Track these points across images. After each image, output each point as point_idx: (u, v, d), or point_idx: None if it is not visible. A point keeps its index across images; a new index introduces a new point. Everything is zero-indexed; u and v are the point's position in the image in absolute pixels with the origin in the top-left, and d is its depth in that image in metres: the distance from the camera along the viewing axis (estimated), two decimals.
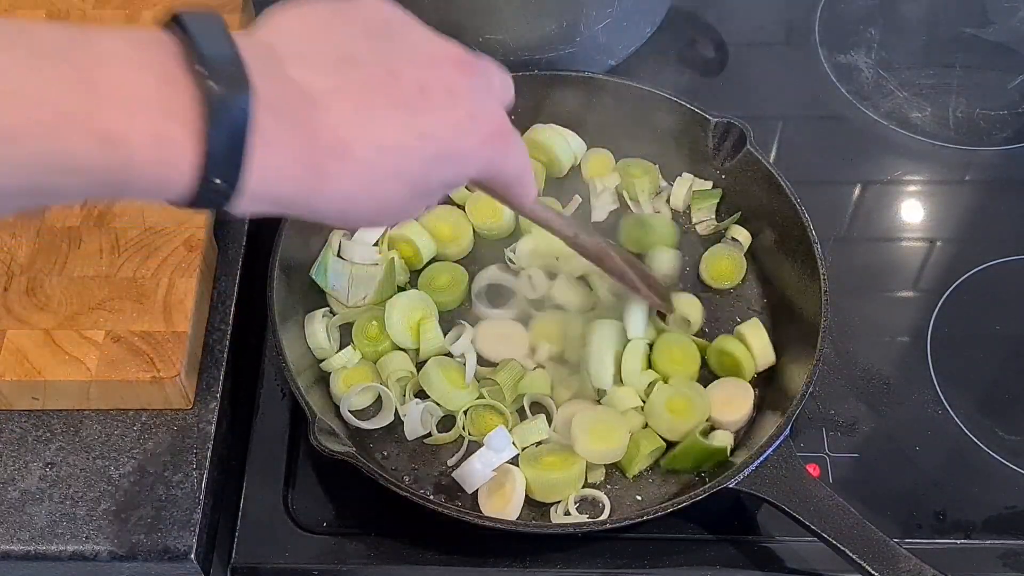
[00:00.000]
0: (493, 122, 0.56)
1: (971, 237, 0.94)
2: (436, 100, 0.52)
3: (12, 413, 0.77)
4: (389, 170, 0.51)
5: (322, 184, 0.49)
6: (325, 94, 0.48)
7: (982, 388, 0.85)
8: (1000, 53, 1.07)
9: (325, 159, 0.48)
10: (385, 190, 0.52)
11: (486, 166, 0.57)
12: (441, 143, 0.52)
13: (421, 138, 0.51)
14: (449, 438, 0.80)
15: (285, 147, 0.47)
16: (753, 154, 0.87)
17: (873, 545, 0.70)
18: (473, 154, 0.55)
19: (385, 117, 0.50)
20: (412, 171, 0.52)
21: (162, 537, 0.72)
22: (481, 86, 0.56)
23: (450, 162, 0.53)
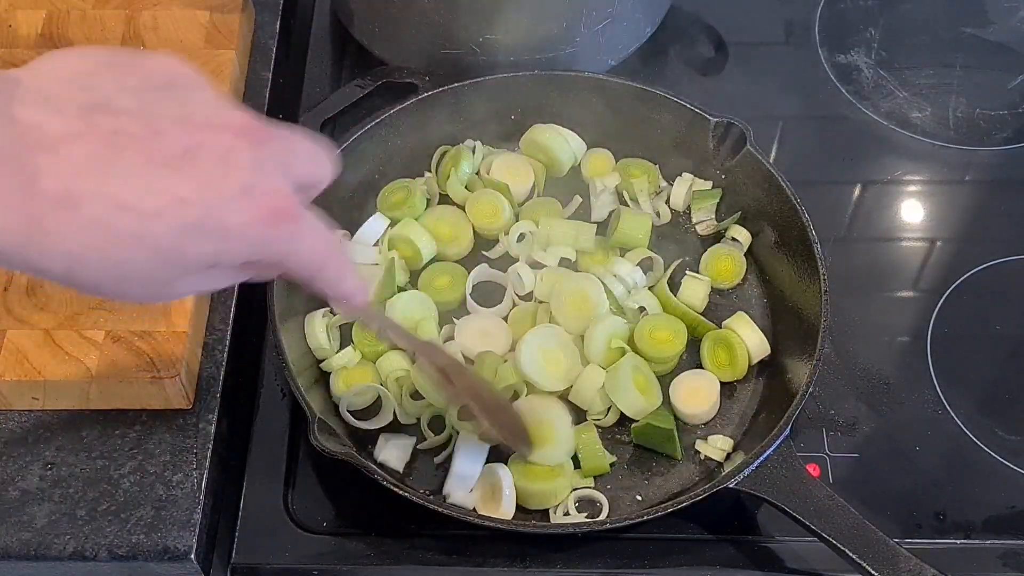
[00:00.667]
0: (273, 200, 0.49)
1: (971, 237, 0.94)
2: (202, 166, 0.46)
3: (12, 413, 0.77)
4: (128, 232, 0.45)
5: (40, 239, 0.44)
6: (60, 140, 0.44)
7: (982, 388, 0.85)
8: (1000, 53, 1.07)
9: (45, 211, 0.43)
10: (124, 256, 0.46)
11: (262, 249, 0.49)
12: (199, 212, 0.46)
13: (173, 204, 0.45)
14: (441, 439, 0.80)
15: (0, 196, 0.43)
16: (753, 154, 0.87)
17: (873, 545, 0.70)
18: (241, 232, 0.48)
19: (131, 174, 0.45)
20: (157, 240, 0.46)
21: (162, 537, 0.72)
22: (268, 159, 0.49)
23: (210, 236, 0.47)
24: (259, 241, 0.49)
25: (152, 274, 0.47)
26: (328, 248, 0.54)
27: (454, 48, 0.94)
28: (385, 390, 0.81)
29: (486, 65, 0.93)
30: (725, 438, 0.80)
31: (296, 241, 0.51)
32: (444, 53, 0.95)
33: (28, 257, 0.45)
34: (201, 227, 0.46)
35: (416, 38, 0.96)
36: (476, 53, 0.94)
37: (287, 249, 0.51)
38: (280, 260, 0.51)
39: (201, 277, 0.50)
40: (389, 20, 0.97)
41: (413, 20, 0.95)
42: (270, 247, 0.50)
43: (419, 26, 0.95)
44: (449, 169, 0.91)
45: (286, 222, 0.49)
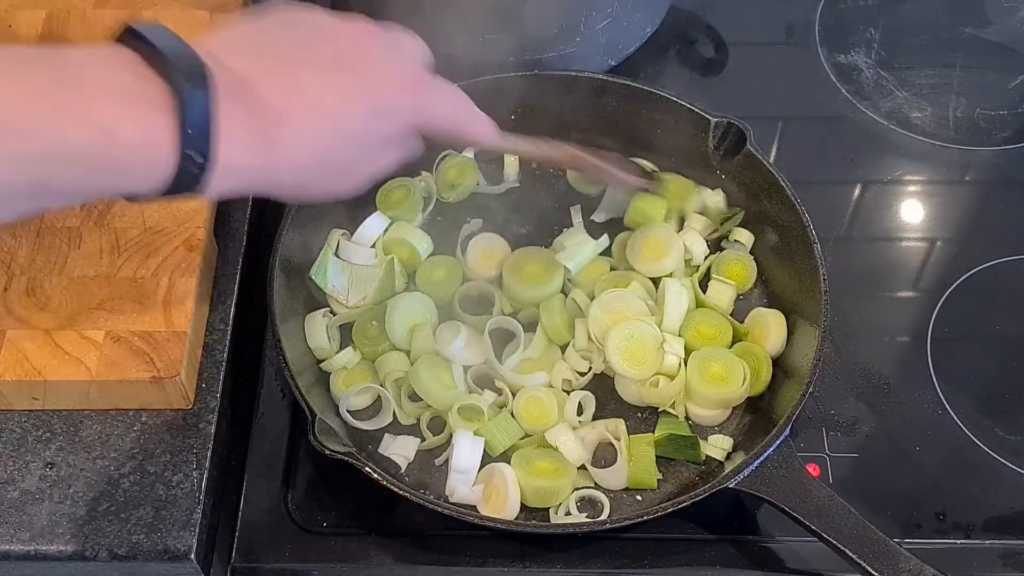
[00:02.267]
0: (408, 74, 0.63)
1: (971, 237, 0.94)
2: (350, 64, 0.59)
3: (12, 413, 0.77)
4: (326, 129, 0.57)
5: (274, 150, 0.55)
6: (257, 77, 0.55)
7: (982, 388, 0.85)
8: (1000, 53, 1.07)
9: (270, 128, 0.55)
10: (329, 148, 0.58)
11: (416, 113, 0.63)
12: (364, 98, 0.59)
13: (347, 98, 0.58)
14: (440, 440, 0.80)
15: (240, 123, 0.53)
16: (753, 154, 0.87)
17: (873, 545, 0.70)
18: (397, 103, 0.61)
19: (309, 85, 0.57)
20: (348, 127, 0.58)
21: (162, 537, 0.72)
22: (391, 48, 0.62)
23: (380, 114, 0.60)
24: (413, 106, 0.62)
25: (351, 158, 0.61)
26: (460, 102, 0.68)
27: (454, 48, 0.94)
28: (384, 391, 0.81)
29: (486, 65, 0.93)
30: (725, 438, 0.80)
31: (437, 100, 0.65)
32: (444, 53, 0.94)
33: (270, 169, 0.56)
34: (371, 109, 0.59)
35: None
36: (476, 53, 0.94)
37: (433, 108, 0.64)
38: (429, 119, 0.64)
39: (381, 155, 0.63)
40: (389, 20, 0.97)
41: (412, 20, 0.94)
42: (422, 109, 0.63)
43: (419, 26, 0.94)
44: (452, 178, 0.92)
45: (426, 87, 0.64)
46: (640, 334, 0.81)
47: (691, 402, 0.82)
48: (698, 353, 0.82)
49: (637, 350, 0.80)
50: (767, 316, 0.84)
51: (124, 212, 0.81)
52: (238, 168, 0.54)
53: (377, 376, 0.82)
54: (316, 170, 0.59)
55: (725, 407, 0.81)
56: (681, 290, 0.84)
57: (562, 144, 0.81)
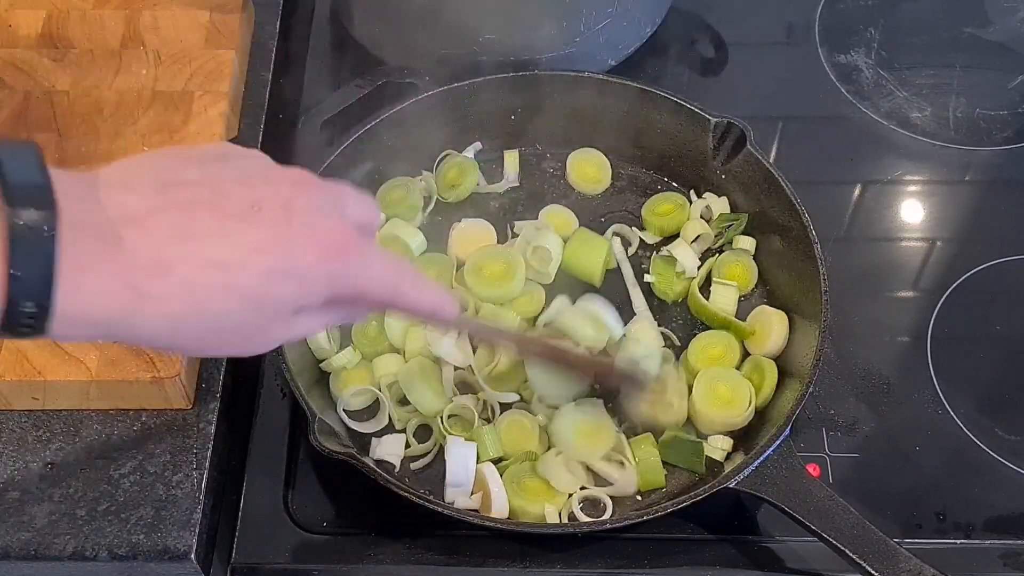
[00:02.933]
0: (336, 238, 0.53)
1: (971, 237, 0.94)
2: (269, 216, 0.51)
3: (12, 413, 0.77)
4: (216, 286, 0.50)
5: (143, 305, 0.48)
6: (145, 215, 0.48)
7: (982, 388, 0.85)
8: (1000, 53, 1.07)
9: (144, 279, 0.48)
10: (217, 309, 0.50)
11: (335, 283, 0.54)
12: (273, 257, 0.51)
13: (248, 251, 0.50)
14: (424, 449, 0.80)
15: (100, 269, 0.46)
16: (753, 154, 0.87)
17: (873, 545, 0.70)
18: (313, 270, 0.52)
19: (209, 233, 0.49)
20: (243, 288, 0.50)
21: (162, 537, 0.72)
22: (325, 205, 0.54)
23: (289, 278, 0.52)
24: (332, 275, 0.53)
25: (246, 323, 0.52)
26: (398, 270, 0.59)
27: (454, 48, 0.94)
28: (381, 393, 0.81)
29: (486, 65, 0.93)
30: (725, 438, 0.80)
31: (365, 269, 0.55)
32: (444, 53, 0.95)
33: (134, 323, 0.48)
34: (279, 271, 0.51)
35: (416, 38, 0.96)
36: (476, 53, 0.94)
37: (359, 277, 0.55)
38: (357, 291, 0.55)
39: (292, 322, 0.54)
40: (389, 20, 0.98)
41: (413, 20, 0.95)
42: (343, 279, 0.54)
43: (419, 26, 0.95)
44: (452, 178, 0.92)
45: (351, 253, 0.54)
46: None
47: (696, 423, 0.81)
48: (705, 374, 0.81)
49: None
50: (770, 315, 0.84)
51: None
52: (91, 318, 0.47)
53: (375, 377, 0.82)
54: (198, 327, 0.51)
55: (728, 429, 0.81)
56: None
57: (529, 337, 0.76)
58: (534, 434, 0.79)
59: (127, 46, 0.90)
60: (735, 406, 0.80)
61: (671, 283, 0.87)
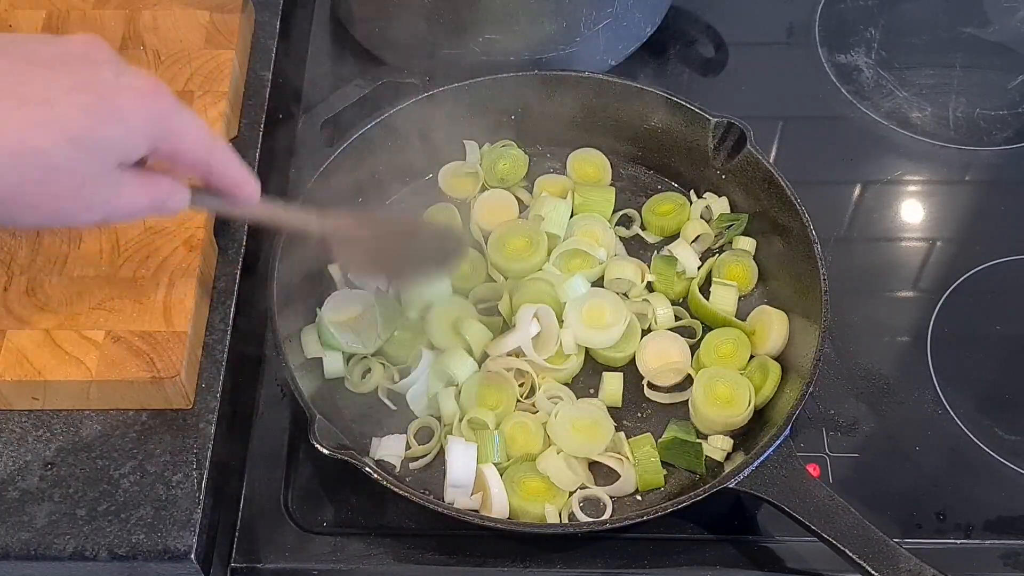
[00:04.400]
0: (148, 83, 0.54)
1: (971, 237, 0.94)
2: (78, 65, 0.52)
3: (12, 413, 0.77)
4: (38, 120, 0.49)
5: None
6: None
7: (982, 388, 0.85)
8: (1000, 53, 1.07)
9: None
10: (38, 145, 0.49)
11: (156, 125, 0.54)
12: (92, 96, 0.51)
13: (70, 91, 0.50)
14: (425, 451, 0.80)
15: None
16: (753, 154, 0.87)
17: (873, 545, 0.70)
18: (134, 109, 0.53)
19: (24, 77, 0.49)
20: (68, 123, 0.50)
21: (162, 537, 0.72)
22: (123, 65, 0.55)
23: (111, 117, 0.52)
24: (152, 116, 0.54)
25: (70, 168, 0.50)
26: (212, 135, 0.59)
27: (454, 48, 0.94)
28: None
29: (486, 65, 0.93)
30: (725, 438, 0.80)
31: (181, 119, 0.56)
32: (444, 53, 0.95)
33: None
34: (100, 108, 0.51)
35: (416, 38, 0.96)
36: (476, 53, 0.94)
37: (176, 126, 0.55)
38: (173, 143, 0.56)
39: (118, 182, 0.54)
40: (389, 20, 0.97)
41: (413, 20, 0.95)
42: (162, 122, 0.54)
43: (419, 26, 0.95)
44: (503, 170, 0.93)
45: (168, 97, 0.55)
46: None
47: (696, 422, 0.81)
48: (704, 373, 0.81)
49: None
50: (770, 315, 0.84)
51: None
52: None
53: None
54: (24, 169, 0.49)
55: (728, 430, 0.81)
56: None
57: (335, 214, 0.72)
58: (538, 436, 0.79)
59: (127, 46, 0.90)
60: (734, 406, 0.80)
61: (671, 283, 0.87)
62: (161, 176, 0.58)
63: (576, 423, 0.79)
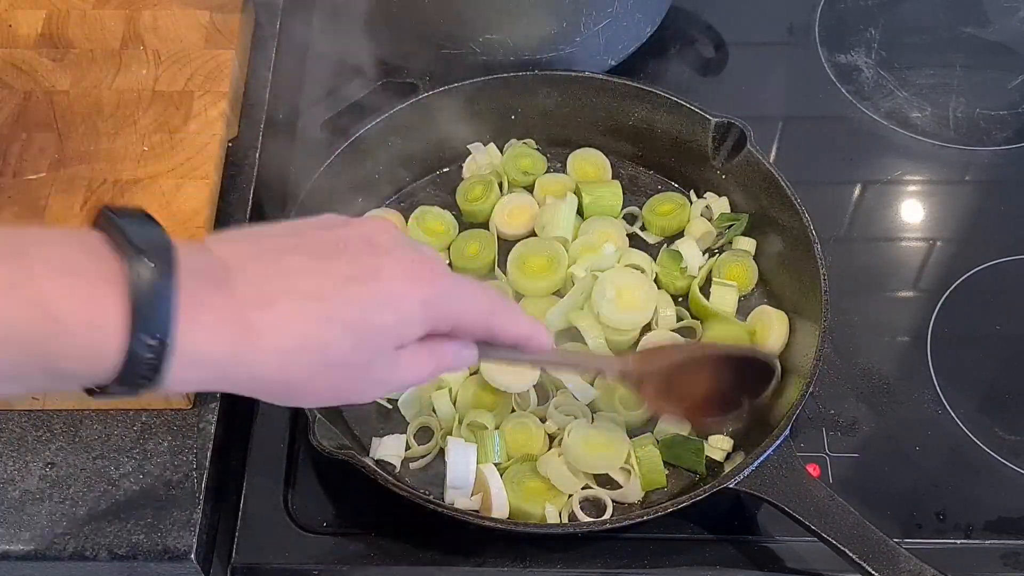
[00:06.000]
0: (423, 266, 0.55)
1: (971, 237, 0.94)
2: (355, 251, 0.54)
3: (12, 413, 0.77)
4: (317, 317, 0.51)
5: (254, 340, 0.50)
6: (245, 261, 0.51)
7: (982, 388, 0.85)
8: (1000, 53, 1.07)
9: (251, 314, 0.50)
10: (321, 340, 0.52)
11: (432, 307, 0.55)
12: (365, 285, 0.53)
13: (341, 281, 0.52)
14: (425, 451, 0.80)
15: (209, 305, 0.48)
16: (753, 154, 0.87)
17: (873, 545, 0.70)
18: (406, 295, 0.54)
19: (304, 270, 0.52)
20: (342, 316, 0.52)
21: (162, 537, 0.72)
22: (404, 239, 0.56)
23: (385, 306, 0.53)
24: (426, 302, 0.55)
25: (350, 356, 0.53)
26: (490, 295, 0.60)
27: (454, 48, 0.94)
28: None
29: (486, 65, 0.93)
30: (725, 438, 0.80)
31: (458, 296, 0.57)
32: (444, 53, 0.95)
33: (247, 360, 0.50)
34: (374, 298, 0.53)
35: (416, 38, 0.95)
36: (476, 53, 0.94)
37: (452, 304, 0.57)
38: (452, 320, 0.57)
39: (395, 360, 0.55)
40: (389, 20, 0.97)
41: (413, 20, 0.95)
42: (438, 306, 0.56)
43: (419, 26, 0.95)
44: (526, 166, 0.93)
45: (443, 278, 0.56)
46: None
47: None
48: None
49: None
50: (771, 314, 0.84)
51: None
52: (207, 357, 0.49)
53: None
54: (305, 362, 0.52)
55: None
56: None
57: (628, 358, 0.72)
58: (539, 438, 0.79)
59: (127, 46, 0.91)
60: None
61: (674, 278, 0.87)
62: (444, 342, 0.58)
63: (590, 440, 0.78)
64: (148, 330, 0.46)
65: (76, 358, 0.45)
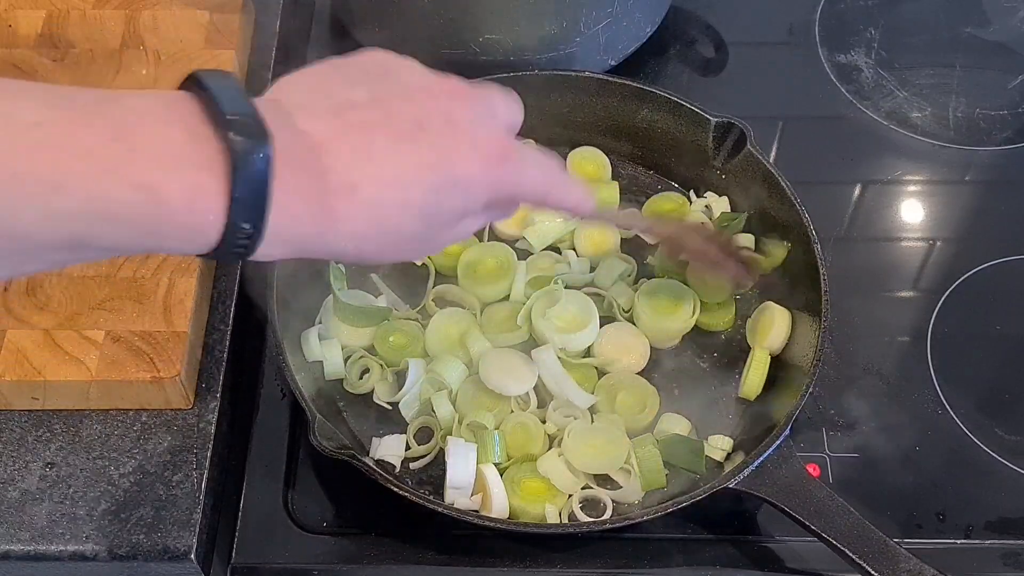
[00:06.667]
0: (495, 146, 0.57)
1: (971, 237, 0.94)
2: (434, 131, 0.55)
3: (12, 413, 0.77)
4: (395, 204, 0.53)
5: (334, 224, 0.52)
6: (329, 140, 0.52)
7: (982, 388, 0.85)
8: (1000, 53, 1.07)
9: (334, 200, 0.51)
10: (394, 224, 0.54)
11: (497, 190, 0.58)
12: (442, 172, 0.54)
13: (421, 169, 0.54)
14: (425, 451, 0.80)
15: (299, 192, 0.50)
16: (753, 154, 0.87)
17: (873, 545, 0.70)
18: (477, 179, 0.56)
19: (385, 154, 0.53)
20: (417, 202, 0.54)
21: (162, 537, 0.72)
22: (481, 114, 0.58)
23: (456, 189, 0.55)
24: (493, 183, 0.57)
25: (419, 234, 0.56)
26: (550, 172, 0.63)
27: (454, 48, 0.94)
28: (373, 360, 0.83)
29: (486, 65, 0.93)
30: (725, 438, 0.80)
31: (521, 174, 0.59)
32: (444, 53, 0.95)
33: (327, 241, 0.52)
34: (447, 184, 0.55)
35: (416, 38, 0.95)
36: (476, 53, 0.94)
37: (516, 183, 0.59)
38: (514, 192, 0.60)
39: (456, 227, 0.58)
40: (389, 20, 0.97)
41: (413, 20, 0.95)
42: (503, 186, 0.58)
43: (419, 26, 0.95)
44: None
45: (509, 161, 0.58)
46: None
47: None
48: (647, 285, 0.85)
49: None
50: (774, 310, 0.84)
51: None
52: (291, 237, 0.51)
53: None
54: (378, 241, 0.55)
55: (671, 339, 0.85)
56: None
57: (666, 219, 0.81)
58: (539, 438, 0.79)
59: (127, 46, 0.91)
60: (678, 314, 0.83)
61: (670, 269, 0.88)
62: (496, 208, 0.61)
63: (590, 440, 0.78)
64: (245, 216, 0.48)
65: (177, 238, 0.48)
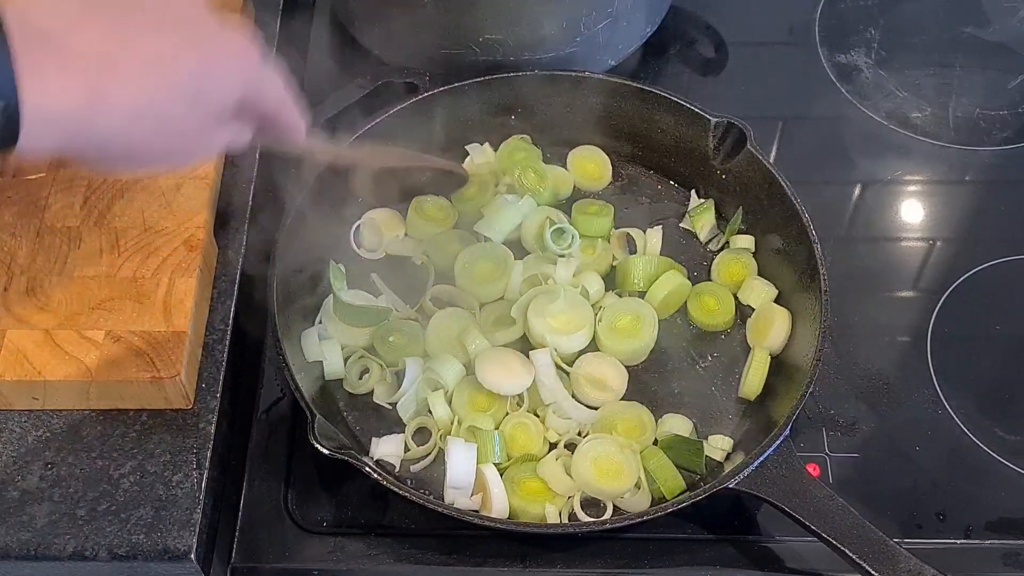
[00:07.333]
0: (244, 46, 0.59)
1: (971, 237, 0.94)
2: (188, 23, 0.56)
3: (12, 413, 0.77)
4: (157, 78, 0.53)
5: (100, 99, 0.51)
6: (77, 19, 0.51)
7: (982, 388, 0.85)
8: (1000, 53, 1.07)
9: (96, 76, 0.51)
10: (161, 99, 0.54)
11: (248, 86, 0.59)
12: (197, 55, 0.55)
13: (182, 48, 0.54)
14: (424, 452, 0.80)
15: (57, 65, 0.50)
16: (753, 154, 0.87)
17: (873, 545, 0.70)
18: (232, 69, 0.58)
19: (140, 33, 0.53)
20: (180, 80, 0.54)
21: (162, 537, 0.72)
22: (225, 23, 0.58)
23: (215, 76, 0.56)
24: (246, 78, 0.59)
25: (187, 122, 0.56)
26: (287, 91, 0.64)
27: (454, 48, 0.94)
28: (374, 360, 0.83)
29: (486, 65, 0.93)
30: (725, 438, 0.80)
31: (268, 80, 0.62)
32: (444, 53, 0.95)
33: (95, 122, 0.52)
34: (207, 67, 0.56)
35: (416, 38, 0.96)
36: (476, 53, 0.94)
37: (262, 88, 0.61)
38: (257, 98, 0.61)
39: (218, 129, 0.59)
40: (389, 20, 0.97)
41: (413, 20, 0.95)
42: (254, 83, 0.60)
43: (419, 26, 0.95)
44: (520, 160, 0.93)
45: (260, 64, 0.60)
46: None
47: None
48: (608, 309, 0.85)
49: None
50: (774, 310, 0.84)
51: (124, 212, 0.81)
52: (58, 115, 0.51)
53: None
54: (147, 124, 0.54)
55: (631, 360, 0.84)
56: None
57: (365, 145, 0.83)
58: (539, 438, 0.79)
59: None
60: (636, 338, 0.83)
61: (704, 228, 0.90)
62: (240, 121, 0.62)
63: (599, 462, 0.77)
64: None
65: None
